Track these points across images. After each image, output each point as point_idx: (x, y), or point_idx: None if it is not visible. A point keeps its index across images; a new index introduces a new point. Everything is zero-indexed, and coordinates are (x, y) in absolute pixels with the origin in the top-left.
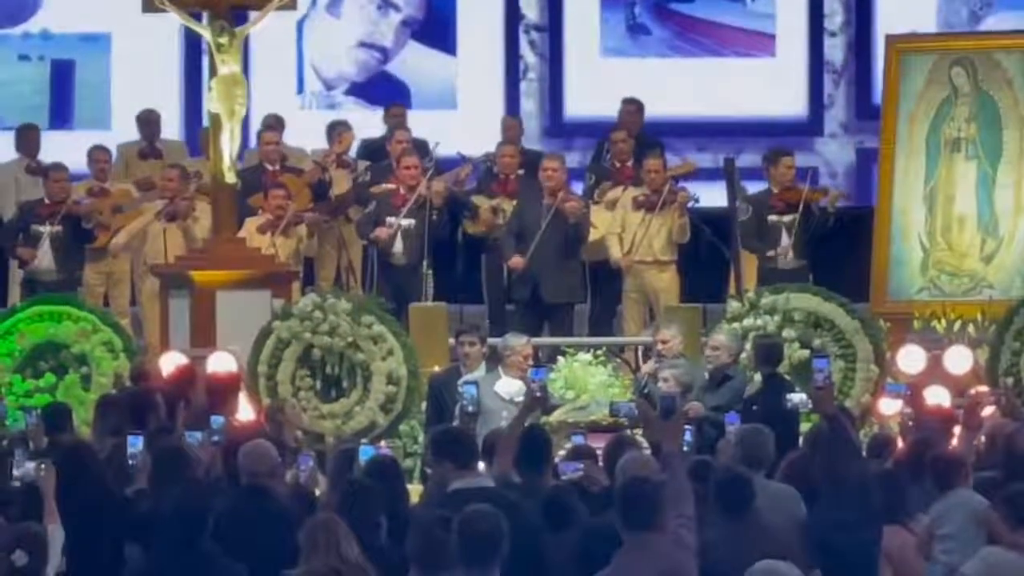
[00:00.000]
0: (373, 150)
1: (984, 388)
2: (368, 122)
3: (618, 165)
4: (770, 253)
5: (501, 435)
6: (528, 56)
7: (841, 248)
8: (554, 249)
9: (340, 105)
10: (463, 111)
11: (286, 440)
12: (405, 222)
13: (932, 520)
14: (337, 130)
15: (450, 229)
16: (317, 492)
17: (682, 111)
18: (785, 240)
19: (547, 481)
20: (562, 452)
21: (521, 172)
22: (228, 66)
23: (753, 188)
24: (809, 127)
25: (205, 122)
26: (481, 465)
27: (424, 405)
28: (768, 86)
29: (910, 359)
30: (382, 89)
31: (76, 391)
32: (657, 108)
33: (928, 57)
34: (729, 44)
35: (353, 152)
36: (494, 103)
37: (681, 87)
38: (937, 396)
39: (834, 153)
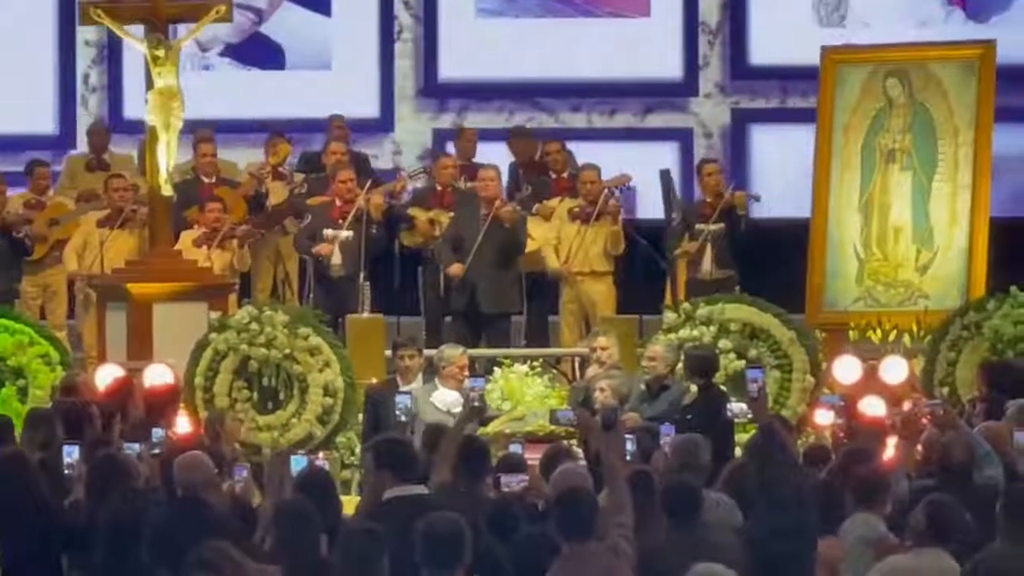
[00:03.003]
0: (312, 162)
1: (920, 398)
2: (242, 83)
3: (555, 176)
4: (679, 252)
5: (441, 438)
6: (403, 16)
7: (773, 258)
8: (491, 259)
9: (214, 67)
10: (337, 71)
11: (223, 451)
12: (343, 234)
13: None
14: (273, 142)
15: (387, 241)
16: (254, 503)
17: (557, 72)
18: (708, 251)
19: (485, 490)
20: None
21: (458, 184)
22: (164, 79)
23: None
24: (684, 88)
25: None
26: None
27: (361, 417)
28: (643, 46)
29: (846, 369)
30: (256, 50)
31: (13, 404)
32: (532, 69)
33: (863, 68)
34: (603, 4)
35: (292, 163)
36: (368, 64)
37: (556, 47)
38: (872, 406)
39: (709, 113)
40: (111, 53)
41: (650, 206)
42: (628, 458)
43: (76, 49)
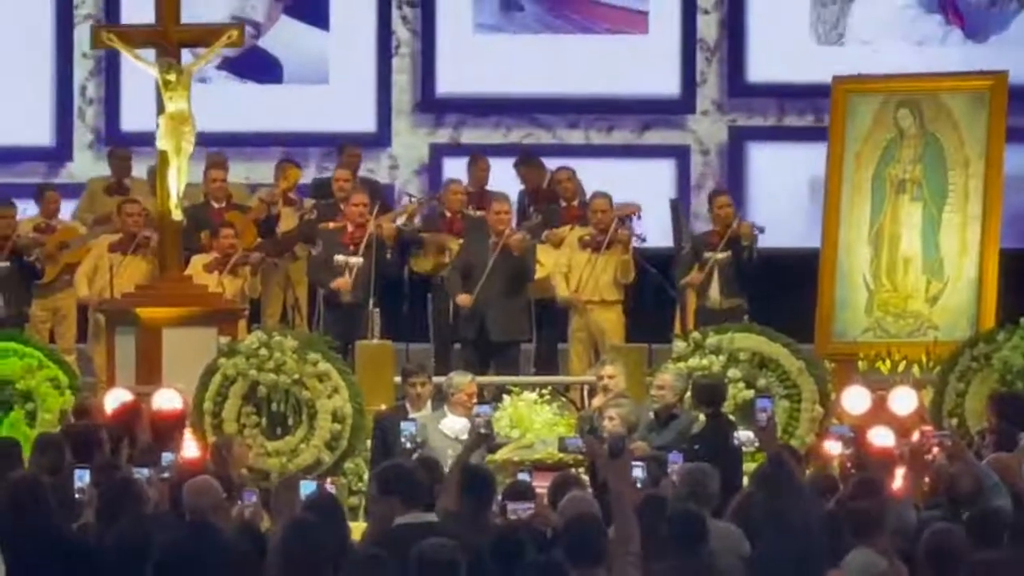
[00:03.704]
0: (323, 188)
1: (929, 429)
2: (239, 97)
3: (564, 204)
4: (686, 282)
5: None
6: (400, 31)
7: (783, 288)
8: (500, 287)
9: (212, 80)
10: (334, 86)
11: (231, 476)
12: (355, 261)
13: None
14: (283, 167)
15: (398, 267)
16: (263, 528)
17: (554, 88)
18: (715, 280)
19: (491, 517)
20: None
21: (469, 211)
22: (175, 103)
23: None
24: (681, 105)
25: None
26: None
27: (369, 443)
28: (641, 63)
29: (855, 400)
30: (254, 64)
31: (22, 428)
32: (529, 85)
33: (874, 98)
34: (602, 21)
35: (303, 187)
36: (366, 78)
37: (553, 64)
38: (881, 437)
39: (706, 131)
40: (109, 65)
41: (649, 223)
42: (639, 485)
43: (74, 61)
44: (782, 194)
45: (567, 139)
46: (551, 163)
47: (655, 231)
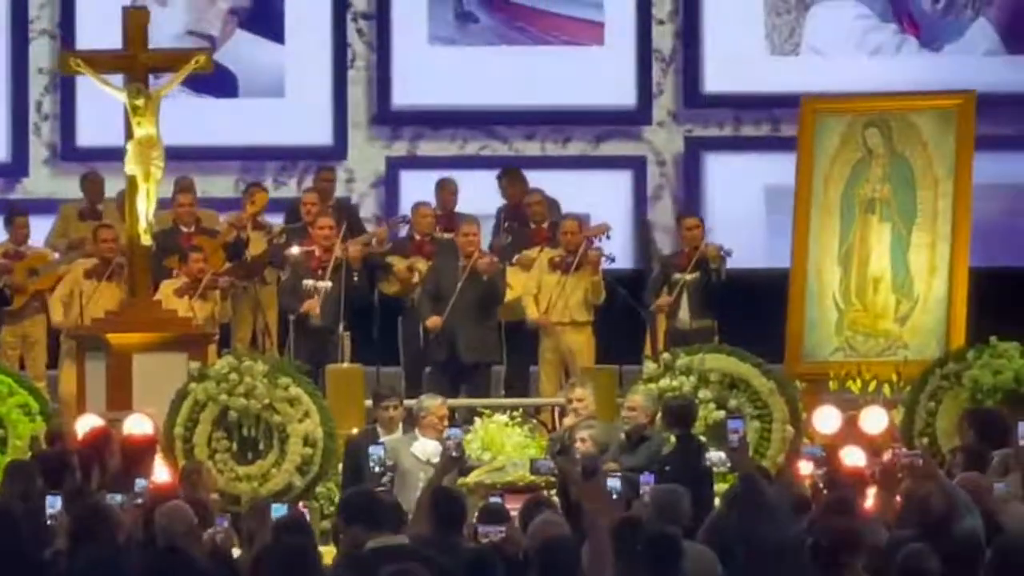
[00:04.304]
0: (295, 212)
1: (900, 448)
2: (195, 111)
3: (534, 226)
4: (655, 305)
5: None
6: (356, 44)
7: (752, 308)
8: (470, 309)
9: (167, 94)
10: (290, 99)
11: (204, 501)
12: (323, 285)
13: None
14: (251, 191)
15: (367, 291)
16: (234, 554)
17: (510, 100)
18: (685, 301)
19: (463, 541)
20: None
21: (436, 233)
22: (144, 128)
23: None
24: (638, 116)
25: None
26: None
27: (341, 467)
28: (596, 74)
29: (825, 420)
30: (210, 78)
31: None
32: (485, 97)
33: (842, 118)
34: (557, 32)
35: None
36: (322, 91)
37: (509, 76)
38: (852, 457)
39: (663, 141)
40: (64, 81)
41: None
42: (615, 497)
43: (29, 77)
44: (738, 204)
45: (523, 151)
46: None
47: (615, 244)
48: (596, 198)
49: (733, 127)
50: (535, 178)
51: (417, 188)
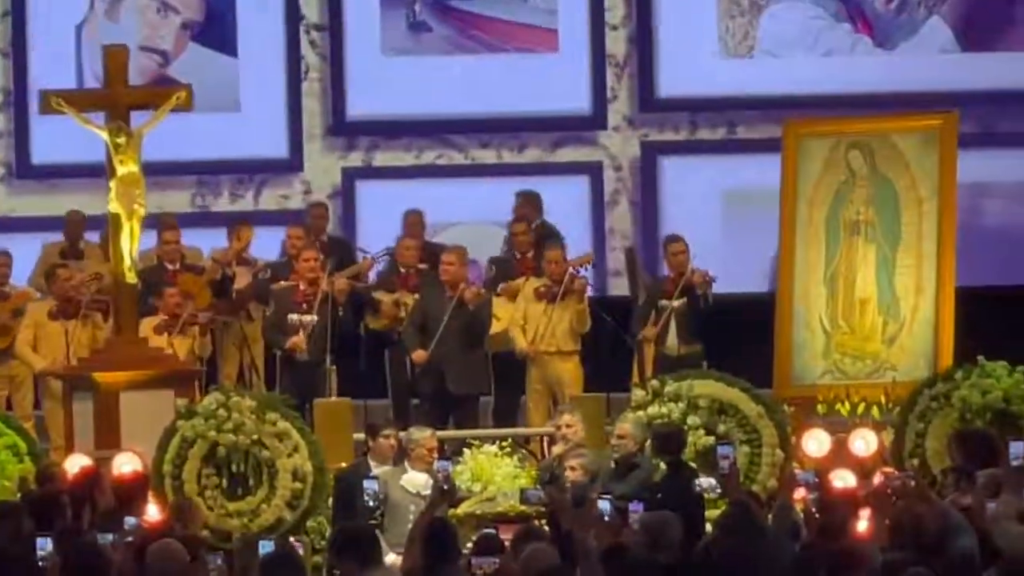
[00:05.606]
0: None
1: (890, 470)
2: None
3: (519, 256)
4: (643, 335)
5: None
6: (310, 56)
7: (740, 333)
8: (458, 340)
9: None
10: (245, 112)
11: (196, 538)
12: (308, 319)
13: None
14: (236, 227)
15: (353, 324)
16: None
17: (465, 108)
18: (673, 327)
19: (457, 572)
20: (469, 544)
21: (422, 266)
22: (126, 166)
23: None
24: (593, 121)
25: None
26: (391, 557)
27: (331, 501)
28: (551, 81)
29: (815, 443)
30: None
31: None
32: (440, 105)
33: (825, 141)
34: (511, 40)
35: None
36: (276, 104)
37: (464, 84)
38: (843, 480)
39: (618, 147)
40: (17, 99)
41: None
42: (606, 518)
43: None
44: (696, 207)
45: (480, 159)
46: (465, 183)
47: (572, 249)
48: (553, 204)
49: (689, 131)
50: (492, 185)
51: (374, 199)
